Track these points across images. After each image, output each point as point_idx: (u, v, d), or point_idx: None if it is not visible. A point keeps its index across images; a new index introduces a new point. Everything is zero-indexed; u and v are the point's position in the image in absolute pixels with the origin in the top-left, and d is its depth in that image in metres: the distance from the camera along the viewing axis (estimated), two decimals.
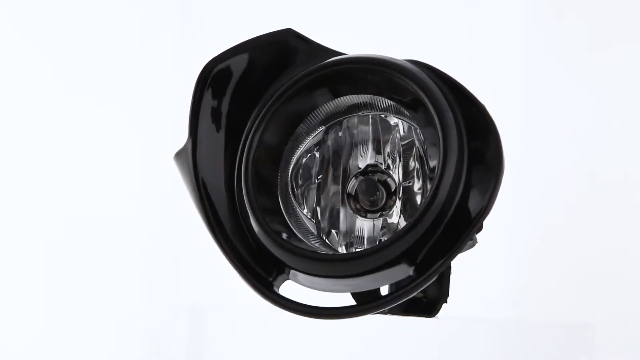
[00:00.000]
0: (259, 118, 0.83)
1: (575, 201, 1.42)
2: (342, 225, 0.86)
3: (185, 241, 1.46)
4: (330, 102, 0.84)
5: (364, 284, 0.80)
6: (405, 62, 0.81)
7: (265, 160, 0.83)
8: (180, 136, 0.85)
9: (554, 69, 1.44)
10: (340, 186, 0.86)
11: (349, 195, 0.86)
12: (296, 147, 0.85)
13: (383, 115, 0.86)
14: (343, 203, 0.86)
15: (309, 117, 0.85)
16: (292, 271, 0.80)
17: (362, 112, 0.85)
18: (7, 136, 1.46)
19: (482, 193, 0.78)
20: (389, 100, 0.83)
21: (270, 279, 0.81)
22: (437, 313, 0.91)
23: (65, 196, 1.47)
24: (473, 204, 0.78)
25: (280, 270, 0.81)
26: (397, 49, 0.89)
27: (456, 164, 0.77)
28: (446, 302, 0.91)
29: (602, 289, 1.40)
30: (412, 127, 0.85)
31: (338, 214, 0.86)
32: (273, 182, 0.84)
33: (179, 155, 0.83)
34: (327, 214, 0.86)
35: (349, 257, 0.80)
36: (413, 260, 0.77)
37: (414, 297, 0.82)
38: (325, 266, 0.79)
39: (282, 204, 0.85)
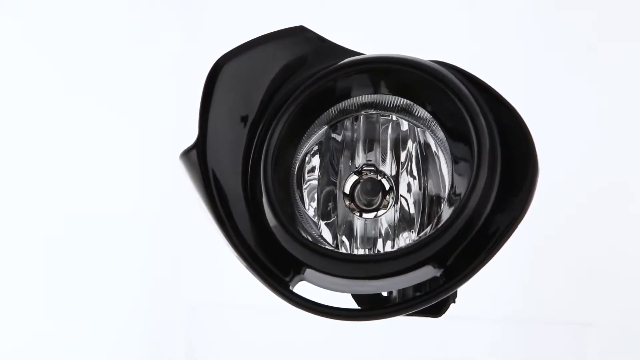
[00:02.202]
0: (285, 106, 0.81)
1: (576, 201, 1.42)
2: (337, 224, 0.85)
3: (185, 241, 1.46)
4: (354, 99, 0.83)
5: (390, 285, 0.79)
6: (454, 76, 0.80)
7: (283, 152, 0.81)
8: (182, 136, 0.84)
9: (554, 69, 1.44)
10: (336, 185, 0.86)
11: (344, 194, 0.85)
12: (305, 142, 0.84)
13: (383, 114, 0.85)
14: (339, 202, 0.85)
15: (327, 112, 0.84)
16: (309, 270, 0.78)
17: (364, 111, 0.85)
18: (7, 136, 1.46)
19: (515, 198, 0.77)
20: (402, 100, 0.83)
21: (287, 279, 0.79)
22: (444, 313, 0.90)
23: (65, 196, 1.47)
24: (506, 209, 0.77)
25: (297, 271, 0.79)
26: (398, 47, 0.88)
27: (489, 169, 0.76)
28: (454, 302, 0.90)
29: (602, 289, 1.39)
30: (415, 127, 0.85)
31: (332, 212, 0.85)
32: (286, 177, 0.83)
33: (187, 154, 0.81)
34: (322, 212, 0.86)
35: (379, 259, 0.78)
36: (443, 263, 0.77)
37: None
38: (353, 267, 0.77)
39: (292, 200, 0.84)
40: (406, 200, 0.85)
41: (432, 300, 0.78)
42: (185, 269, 1.48)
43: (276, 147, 0.80)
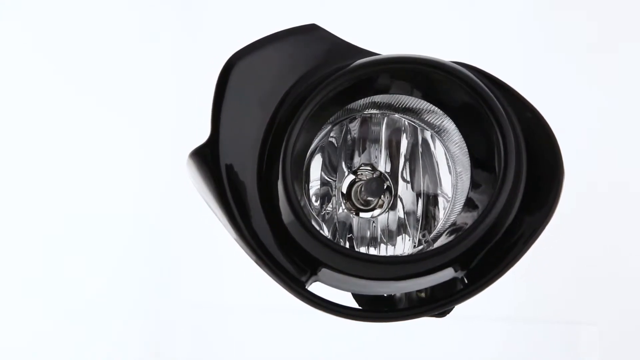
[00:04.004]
0: (306, 102, 0.79)
1: (575, 201, 1.42)
2: (334, 223, 0.85)
3: (185, 241, 1.46)
4: (361, 99, 0.82)
5: (412, 286, 0.79)
6: (482, 80, 0.79)
7: (298, 148, 0.81)
8: (182, 136, 0.84)
9: (554, 69, 1.44)
10: (334, 184, 0.85)
11: (342, 193, 0.85)
12: (315, 140, 0.84)
13: (385, 114, 0.85)
14: (336, 201, 0.85)
15: (342, 110, 0.83)
16: (324, 270, 0.77)
17: (366, 111, 0.85)
18: (7, 136, 1.46)
19: (540, 205, 0.77)
20: (419, 101, 0.82)
21: (303, 278, 0.78)
22: (448, 313, 0.90)
23: (65, 196, 1.47)
24: (531, 214, 0.77)
25: (313, 270, 0.78)
26: (399, 47, 0.88)
27: (515, 176, 0.76)
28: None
29: (601, 288, 1.39)
30: (416, 127, 0.85)
31: (329, 211, 0.85)
32: (297, 174, 0.82)
33: (198, 152, 0.80)
34: (320, 210, 0.86)
35: (403, 260, 0.78)
36: (465, 266, 0.77)
37: (422, 297, 0.82)
38: (377, 268, 0.77)
39: (303, 197, 0.84)
40: (401, 199, 0.85)
41: (458, 302, 0.78)
42: (185, 269, 1.48)
43: (295, 143, 0.79)
